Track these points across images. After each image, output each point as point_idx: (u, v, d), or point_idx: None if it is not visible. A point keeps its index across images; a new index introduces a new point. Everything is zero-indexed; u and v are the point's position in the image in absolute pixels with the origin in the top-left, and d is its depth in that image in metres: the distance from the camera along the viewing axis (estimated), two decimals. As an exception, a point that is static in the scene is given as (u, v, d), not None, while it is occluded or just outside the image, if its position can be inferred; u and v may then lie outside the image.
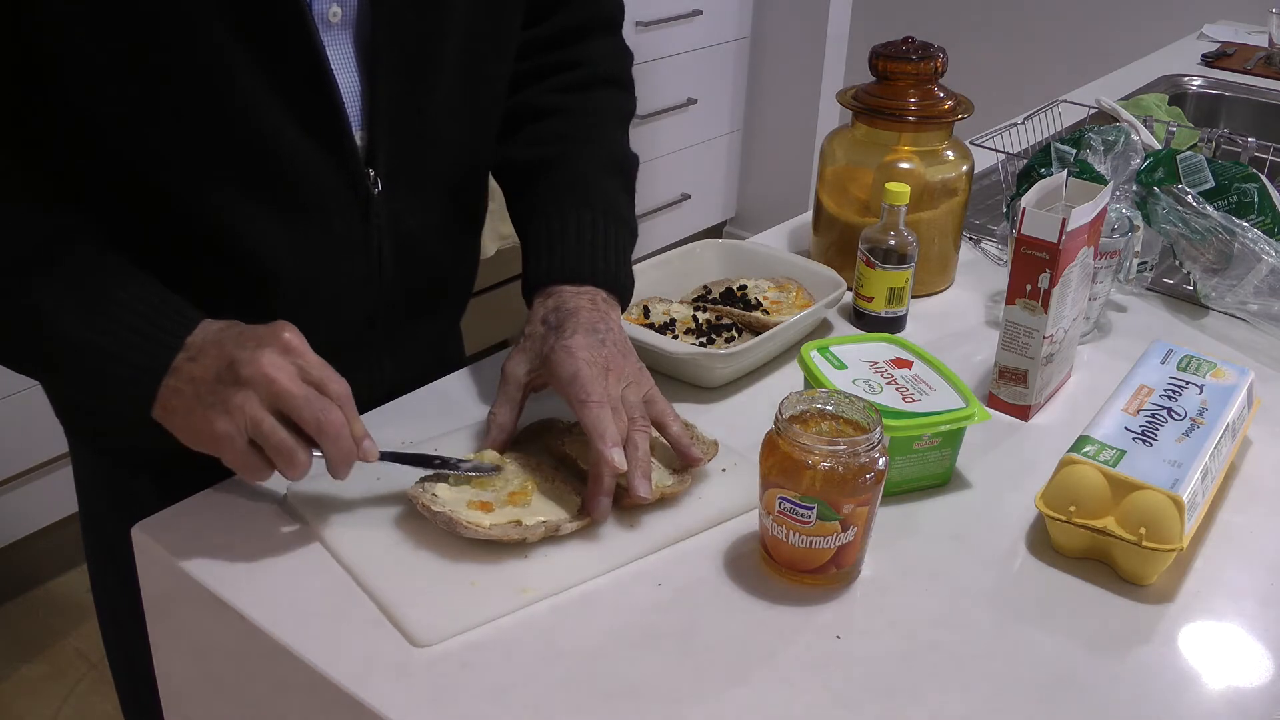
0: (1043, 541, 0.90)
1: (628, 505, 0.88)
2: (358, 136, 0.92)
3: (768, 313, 1.16)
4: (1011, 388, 1.06)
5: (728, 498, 0.92)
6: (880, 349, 1.02)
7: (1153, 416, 0.94)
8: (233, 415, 0.79)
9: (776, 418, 0.82)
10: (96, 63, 0.81)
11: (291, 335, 0.81)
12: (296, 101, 0.87)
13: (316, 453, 0.81)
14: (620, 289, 1.01)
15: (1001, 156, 1.50)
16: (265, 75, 0.85)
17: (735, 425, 1.01)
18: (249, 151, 0.87)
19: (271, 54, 0.85)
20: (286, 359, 0.80)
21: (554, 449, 0.94)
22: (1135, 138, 1.27)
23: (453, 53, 0.95)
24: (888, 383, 0.97)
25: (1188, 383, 0.99)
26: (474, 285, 1.17)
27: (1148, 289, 1.31)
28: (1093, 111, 1.69)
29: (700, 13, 3.17)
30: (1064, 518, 0.87)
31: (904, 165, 1.23)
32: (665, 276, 1.22)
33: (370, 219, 0.96)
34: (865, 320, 1.20)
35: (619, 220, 1.03)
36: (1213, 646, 0.82)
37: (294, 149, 0.89)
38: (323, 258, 0.95)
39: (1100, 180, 1.19)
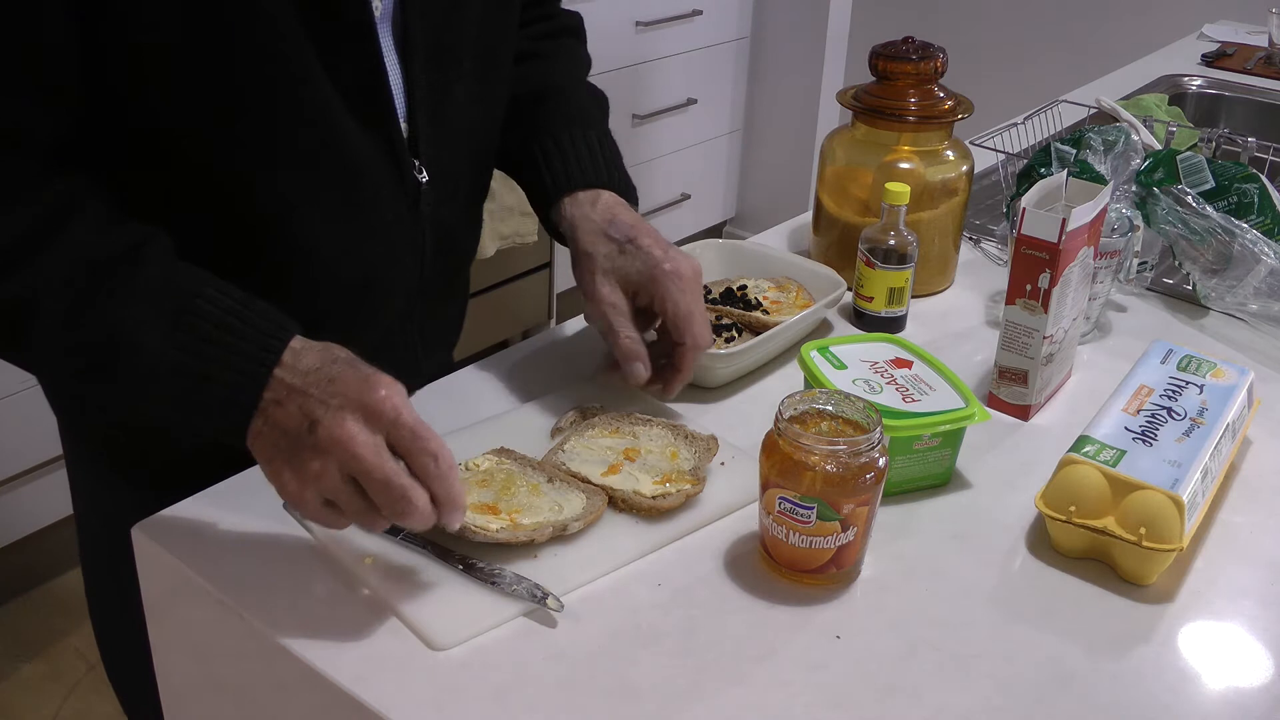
0: (1043, 541, 0.90)
1: (621, 509, 0.89)
2: (403, 128, 0.94)
3: (768, 313, 1.16)
4: (1011, 388, 1.06)
5: (727, 493, 0.92)
6: (880, 349, 1.02)
7: (1153, 416, 0.94)
8: (307, 482, 0.75)
9: (776, 418, 0.82)
10: (168, 50, 0.81)
11: (386, 394, 0.75)
12: (354, 93, 0.89)
13: None
14: (635, 200, 1.07)
15: (1001, 156, 1.50)
16: (327, 67, 0.86)
17: (735, 425, 1.01)
18: (313, 144, 0.89)
19: (334, 46, 0.86)
20: (370, 428, 0.74)
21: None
22: (1135, 138, 1.27)
23: (471, 38, 0.97)
24: (888, 383, 0.97)
25: (1188, 383, 0.99)
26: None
27: (1148, 289, 1.31)
28: (1093, 111, 1.69)
29: (700, 13, 3.17)
30: (1064, 518, 0.87)
31: (904, 165, 1.23)
32: (665, 276, 1.21)
33: (420, 209, 0.98)
34: (865, 320, 1.20)
35: (617, 146, 1.11)
36: (1213, 646, 0.82)
37: (352, 141, 0.90)
38: (378, 253, 0.96)
39: (1100, 180, 1.19)
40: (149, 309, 0.78)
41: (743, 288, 1.21)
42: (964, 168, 1.26)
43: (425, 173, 0.96)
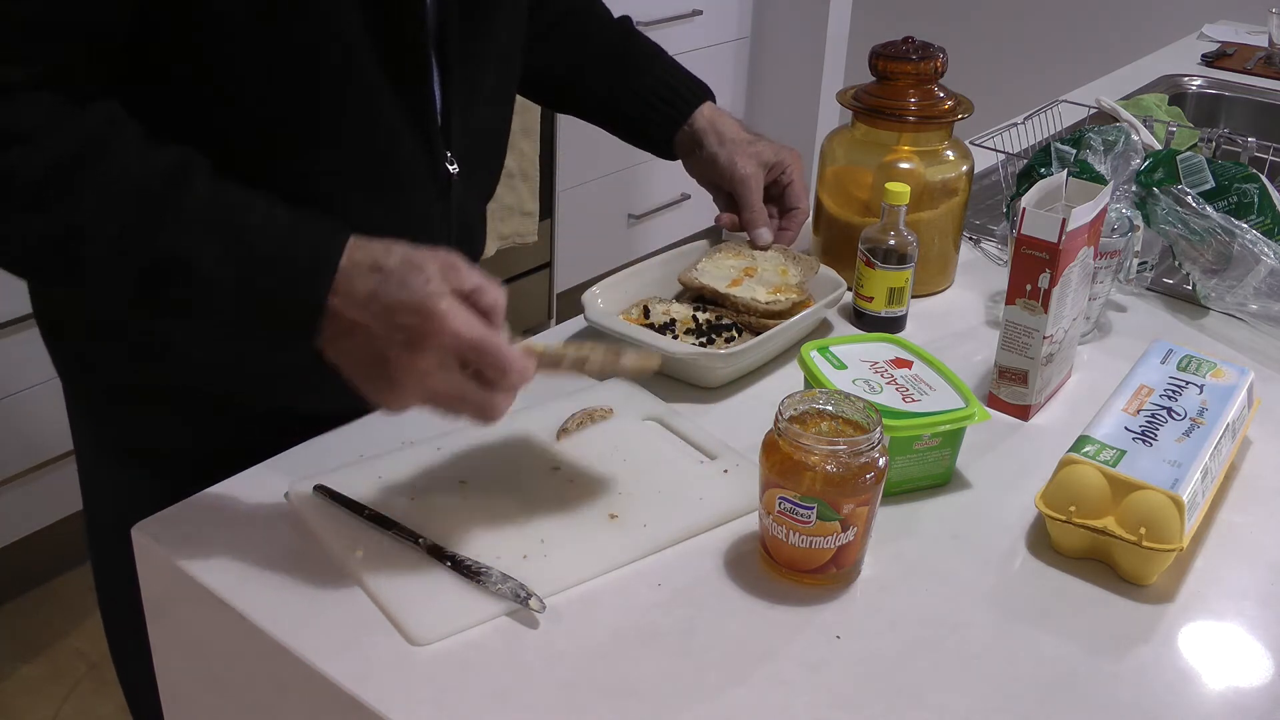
0: (1043, 541, 0.90)
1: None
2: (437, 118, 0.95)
3: (768, 313, 1.16)
4: (1011, 388, 1.06)
5: (728, 499, 0.92)
6: (880, 349, 1.02)
7: (1153, 416, 0.94)
8: (391, 400, 0.80)
9: (776, 418, 0.82)
10: (228, 21, 0.81)
11: (441, 320, 0.77)
12: (401, 80, 0.89)
13: None
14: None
15: (1001, 156, 1.50)
16: (379, 55, 0.87)
17: (735, 425, 1.01)
18: (355, 124, 0.89)
19: (390, 35, 0.87)
20: (437, 353, 0.77)
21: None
22: (1135, 138, 1.27)
23: (501, 30, 0.99)
24: (888, 383, 0.97)
25: (1188, 383, 0.99)
26: None
27: (1148, 289, 1.31)
28: (1093, 111, 1.69)
29: (700, 13, 3.16)
30: (1064, 518, 0.87)
31: (904, 165, 1.23)
32: (665, 276, 1.22)
33: (449, 200, 0.99)
34: (865, 320, 1.20)
35: None
36: (1213, 646, 0.82)
37: (392, 126, 0.91)
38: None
39: (1100, 180, 1.19)
40: (200, 231, 0.78)
41: (743, 288, 1.21)
42: (964, 168, 1.26)
43: (456, 164, 0.98)
